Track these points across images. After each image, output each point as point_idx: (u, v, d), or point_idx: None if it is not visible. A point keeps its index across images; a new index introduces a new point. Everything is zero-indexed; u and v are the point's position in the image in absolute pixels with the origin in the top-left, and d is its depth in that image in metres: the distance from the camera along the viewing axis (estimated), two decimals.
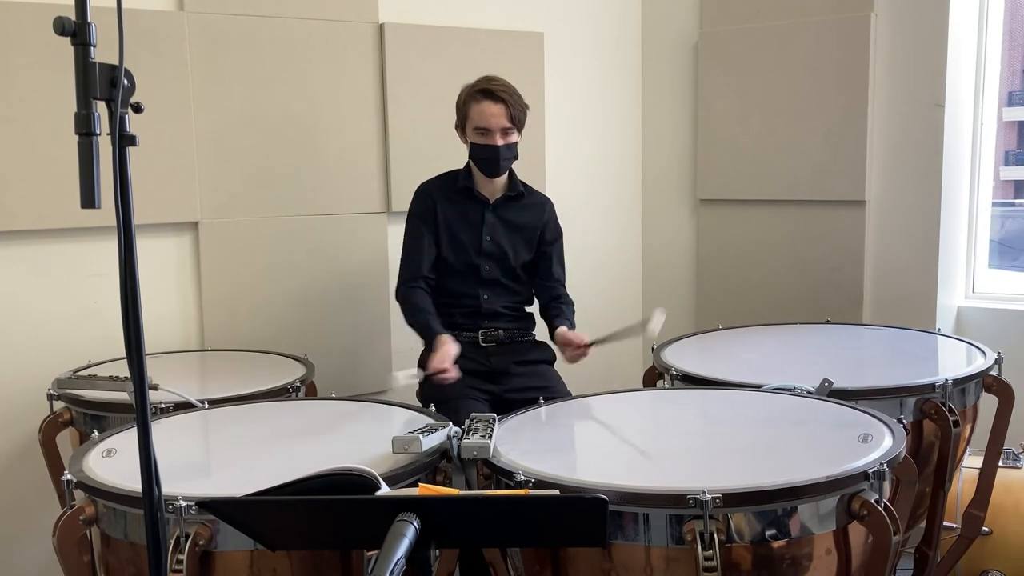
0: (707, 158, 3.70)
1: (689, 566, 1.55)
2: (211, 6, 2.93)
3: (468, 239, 2.74)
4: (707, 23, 3.65)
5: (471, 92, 2.67)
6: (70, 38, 1.26)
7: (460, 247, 2.73)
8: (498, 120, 2.62)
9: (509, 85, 2.66)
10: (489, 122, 2.62)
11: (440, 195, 2.75)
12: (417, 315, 2.67)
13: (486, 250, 2.75)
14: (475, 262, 2.74)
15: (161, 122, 2.84)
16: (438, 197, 2.75)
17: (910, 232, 3.32)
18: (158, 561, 1.42)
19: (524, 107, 2.68)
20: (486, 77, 2.68)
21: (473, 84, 2.68)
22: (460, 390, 2.59)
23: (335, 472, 1.38)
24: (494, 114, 2.62)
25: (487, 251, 2.75)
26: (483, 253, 2.75)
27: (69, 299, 2.82)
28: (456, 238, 2.73)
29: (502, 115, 2.62)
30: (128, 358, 1.35)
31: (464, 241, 2.73)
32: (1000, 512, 2.64)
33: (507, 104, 2.62)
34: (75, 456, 1.88)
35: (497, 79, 2.67)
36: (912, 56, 3.25)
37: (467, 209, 2.75)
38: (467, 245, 2.73)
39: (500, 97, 2.62)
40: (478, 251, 2.74)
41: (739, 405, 2.14)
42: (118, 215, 1.30)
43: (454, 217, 2.74)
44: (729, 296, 3.68)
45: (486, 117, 2.62)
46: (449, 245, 2.74)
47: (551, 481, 1.64)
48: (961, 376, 2.29)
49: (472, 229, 2.74)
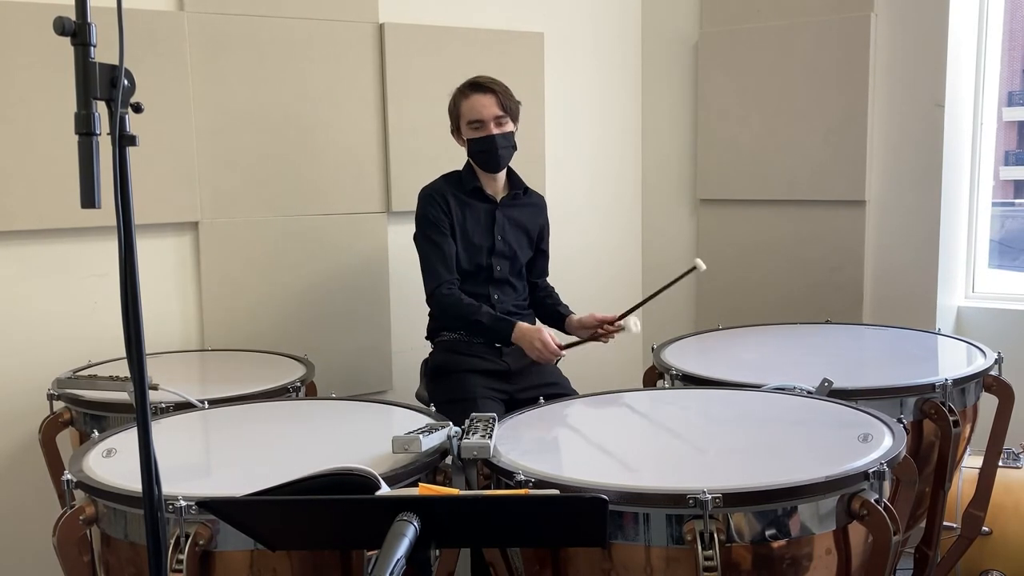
0: (707, 158, 3.70)
1: (689, 566, 1.55)
2: (211, 6, 2.93)
3: (481, 240, 2.73)
4: (707, 23, 3.65)
5: (460, 90, 2.69)
6: (70, 38, 1.26)
7: (474, 248, 2.72)
8: (490, 109, 2.63)
9: (496, 79, 2.68)
10: (481, 112, 2.63)
11: (451, 196, 2.71)
12: (476, 311, 2.61)
13: (499, 250, 2.75)
14: (488, 262, 2.74)
15: (161, 122, 2.84)
16: (450, 198, 2.71)
17: (910, 232, 3.32)
18: (158, 561, 1.42)
19: (514, 99, 2.69)
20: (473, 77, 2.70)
21: (460, 85, 2.70)
22: (477, 389, 2.60)
23: (335, 472, 1.38)
24: (485, 104, 2.63)
25: (499, 251, 2.75)
26: (496, 253, 2.75)
27: (69, 299, 2.82)
28: (469, 240, 2.72)
29: (493, 104, 2.63)
30: (128, 358, 1.35)
31: (477, 242, 2.72)
32: (1000, 512, 2.64)
33: (496, 94, 2.64)
34: (75, 456, 1.88)
35: (483, 76, 2.69)
36: (912, 56, 3.25)
37: (478, 210, 2.74)
38: (481, 246, 2.73)
39: (489, 88, 2.64)
40: (491, 251, 2.74)
41: (739, 405, 2.14)
42: (118, 215, 1.30)
43: (467, 218, 2.72)
44: (729, 296, 3.68)
45: (477, 108, 2.63)
46: (463, 247, 2.71)
47: (551, 481, 1.64)
48: (961, 376, 2.29)
49: (484, 230, 2.74)
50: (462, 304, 2.63)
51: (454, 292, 2.65)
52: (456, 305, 2.64)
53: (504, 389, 2.69)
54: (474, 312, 2.62)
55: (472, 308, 2.62)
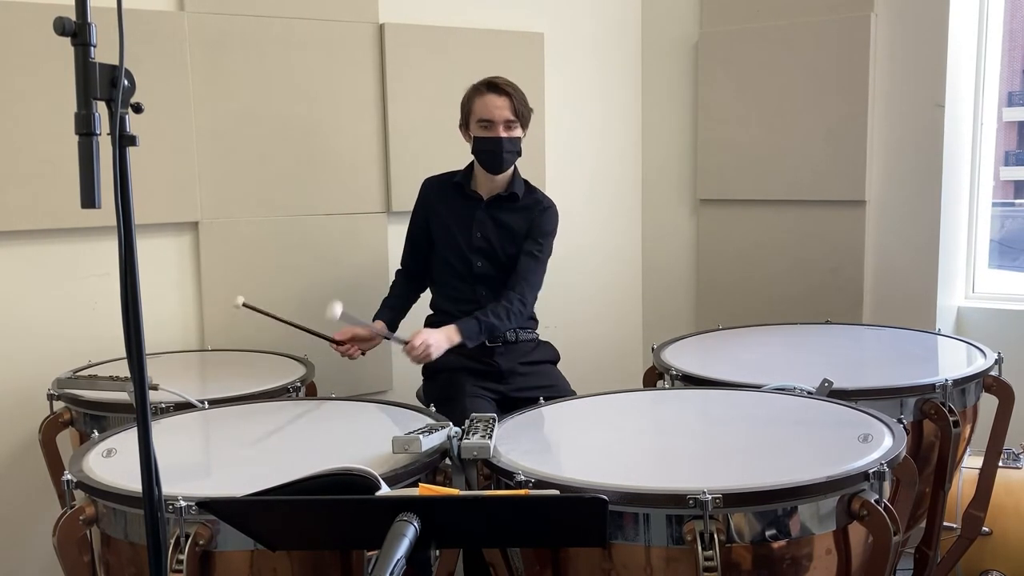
0: (707, 158, 3.70)
1: (689, 566, 1.55)
2: (211, 6, 2.93)
3: (460, 236, 2.76)
4: (707, 23, 3.65)
5: (476, 87, 2.69)
6: (70, 38, 1.26)
7: (455, 245, 2.76)
8: (502, 112, 2.63)
9: (514, 84, 2.69)
10: (493, 113, 2.63)
11: (438, 192, 2.81)
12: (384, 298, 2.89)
13: (477, 246, 2.76)
14: (468, 257, 2.76)
15: (161, 122, 2.84)
16: (436, 194, 2.81)
17: (910, 232, 3.32)
18: (158, 561, 1.42)
19: (528, 105, 2.71)
20: (491, 76, 2.70)
21: (479, 81, 2.71)
22: (468, 389, 2.60)
23: (335, 472, 1.38)
24: (498, 106, 2.63)
25: (478, 247, 2.76)
26: (475, 250, 2.76)
27: (69, 299, 2.82)
28: (450, 235, 2.76)
29: (506, 107, 2.64)
30: (128, 358, 1.35)
31: (459, 239, 2.76)
32: (1000, 512, 2.64)
33: (511, 98, 2.64)
34: (75, 456, 1.89)
35: (502, 77, 2.70)
36: (912, 56, 3.24)
37: (460, 207, 2.78)
38: (459, 242, 2.76)
39: (505, 91, 2.65)
40: (469, 247, 2.76)
41: (739, 405, 2.14)
42: (118, 215, 1.30)
43: (448, 214, 2.78)
44: (729, 296, 3.68)
45: (490, 109, 2.64)
46: (444, 242, 2.77)
47: (551, 481, 1.64)
48: (961, 376, 2.29)
49: (463, 226, 2.76)
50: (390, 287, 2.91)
51: (397, 276, 2.93)
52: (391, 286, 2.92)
53: (496, 389, 2.69)
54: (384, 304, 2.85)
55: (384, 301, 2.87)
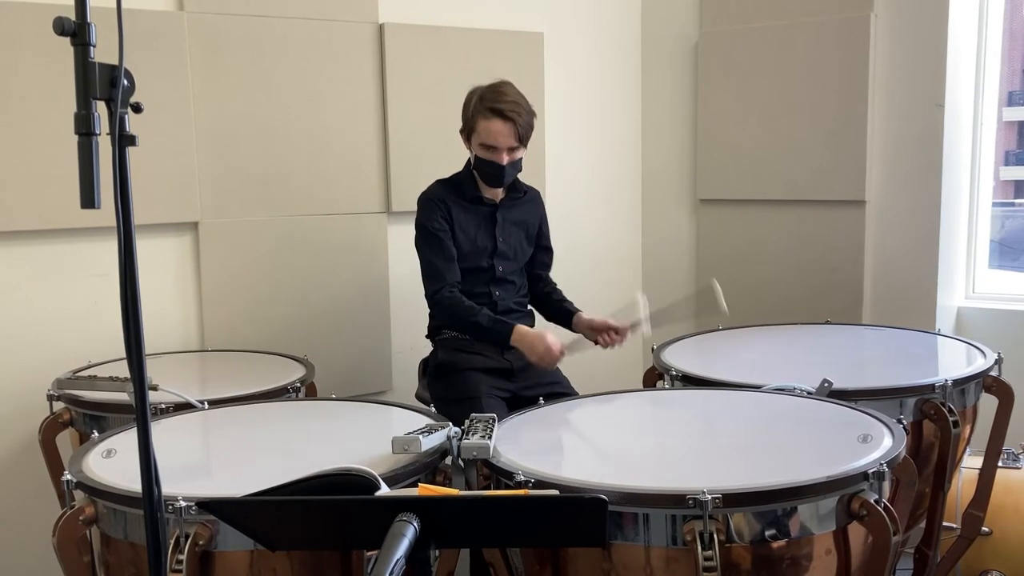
0: (707, 158, 3.70)
1: (689, 566, 1.55)
2: (211, 6, 2.92)
3: (484, 242, 2.73)
4: (707, 23, 3.65)
5: (480, 106, 2.60)
6: (70, 38, 1.26)
7: (476, 250, 2.72)
8: (506, 140, 2.58)
9: (518, 100, 2.61)
10: (496, 140, 2.59)
11: (452, 201, 2.71)
12: (475, 314, 2.61)
13: (500, 251, 2.75)
14: (490, 263, 2.74)
15: (161, 122, 2.84)
16: (450, 203, 2.70)
17: (910, 232, 3.32)
18: (158, 561, 1.43)
19: (531, 121, 2.64)
20: (496, 89, 2.61)
21: (483, 95, 2.61)
22: (480, 388, 2.60)
23: (335, 472, 1.38)
24: (502, 132, 2.57)
25: (501, 252, 2.75)
26: (498, 254, 2.75)
27: (69, 299, 2.81)
28: (472, 242, 2.72)
29: (510, 135, 2.58)
30: (128, 358, 1.35)
31: (480, 245, 2.72)
32: (1000, 512, 2.64)
33: (516, 124, 2.58)
34: (75, 456, 1.88)
35: (507, 92, 2.61)
36: (912, 56, 3.24)
37: (479, 212, 2.74)
38: (483, 248, 2.73)
39: (509, 117, 2.57)
40: (493, 253, 2.74)
41: (739, 405, 2.14)
42: (118, 215, 1.30)
43: (468, 222, 2.72)
44: (729, 296, 3.65)
45: (493, 135, 2.58)
46: (465, 249, 2.71)
47: (551, 481, 1.64)
48: (961, 376, 2.29)
49: (486, 232, 2.74)
50: (463, 306, 2.63)
51: (455, 294, 2.65)
52: (457, 306, 2.63)
53: (507, 387, 2.68)
54: (473, 314, 2.61)
55: (472, 311, 2.62)
